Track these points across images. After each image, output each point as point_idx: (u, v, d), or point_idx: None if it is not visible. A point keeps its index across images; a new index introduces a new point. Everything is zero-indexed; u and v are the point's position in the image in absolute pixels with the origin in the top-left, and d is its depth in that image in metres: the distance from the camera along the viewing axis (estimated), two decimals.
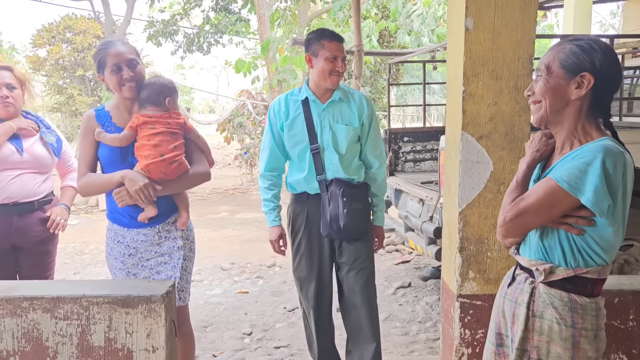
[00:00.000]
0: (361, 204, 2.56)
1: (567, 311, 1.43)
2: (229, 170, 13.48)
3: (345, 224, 2.45)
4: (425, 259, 5.24)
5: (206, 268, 5.26)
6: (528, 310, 1.47)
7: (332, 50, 2.46)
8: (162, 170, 2.16)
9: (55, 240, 2.79)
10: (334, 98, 2.55)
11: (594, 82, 1.40)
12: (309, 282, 2.63)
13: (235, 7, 14.29)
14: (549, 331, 1.44)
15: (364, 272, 2.57)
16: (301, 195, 2.62)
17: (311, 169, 2.54)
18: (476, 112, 2.01)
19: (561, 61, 1.43)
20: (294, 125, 2.57)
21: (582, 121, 1.45)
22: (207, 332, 3.70)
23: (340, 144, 2.54)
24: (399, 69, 13.77)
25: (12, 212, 2.59)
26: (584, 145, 1.42)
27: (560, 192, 1.37)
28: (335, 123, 2.55)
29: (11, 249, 2.65)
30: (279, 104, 2.62)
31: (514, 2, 1.96)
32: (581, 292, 1.44)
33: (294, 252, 2.68)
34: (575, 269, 1.42)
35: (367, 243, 2.62)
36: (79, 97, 10.69)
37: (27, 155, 2.61)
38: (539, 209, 1.41)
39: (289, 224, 2.70)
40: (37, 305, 1.82)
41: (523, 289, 1.51)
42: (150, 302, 1.82)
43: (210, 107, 36.25)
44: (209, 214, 8.25)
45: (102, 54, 2.21)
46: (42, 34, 10.90)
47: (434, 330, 3.65)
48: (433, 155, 5.23)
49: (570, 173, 1.36)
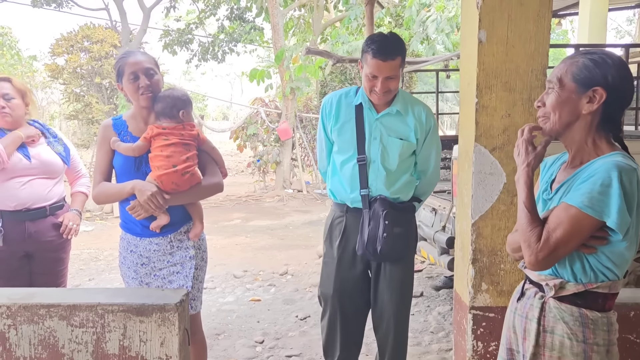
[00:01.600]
0: (404, 228, 2.35)
1: (578, 326, 1.41)
2: (242, 177, 13.55)
3: (382, 248, 2.27)
4: (438, 268, 5.22)
5: (219, 275, 5.29)
6: (539, 325, 1.46)
7: (372, 68, 2.21)
8: (174, 181, 2.18)
9: (67, 247, 2.81)
10: (390, 111, 2.34)
11: (606, 97, 1.38)
12: (336, 297, 2.45)
13: (249, 15, 14.44)
14: (560, 347, 1.43)
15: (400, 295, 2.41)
16: (341, 206, 2.46)
17: (354, 181, 2.36)
18: (489, 123, 2.02)
19: (573, 75, 1.42)
20: (343, 131, 2.38)
21: (593, 135, 1.44)
22: (220, 339, 3.71)
23: (390, 159, 2.33)
24: (412, 77, 13.77)
25: (25, 218, 2.62)
26: (595, 162, 1.40)
27: (586, 218, 1.35)
28: (388, 136, 2.33)
29: (24, 256, 2.67)
30: (331, 104, 2.42)
31: (527, 14, 1.97)
32: (592, 306, 1.42)
33: (324, 264, 2.52)
34: (585, 284, 1.41)
35: (407, 266, 2.44)
36: (95, 105, 10.84)
37: (35, 161, 2.64)
38: (569, 241, 1.37)
39: (325, 232, 2.53)
40: (54, 312, 1.84)
41: (533, 304, 1.50)
42: (164, 310, 1.84)
43: (223, 114, 36.49)
44: (222, 221, 8.29)
45: (121, 63, 2.25)
46: (60, 42, 11.09)
47: (446, 341, 3.62)
48: (446, 164, 5.21)
49: (591, 197, 1.34)
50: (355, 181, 2.35)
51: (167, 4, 14.58)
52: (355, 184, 2.35)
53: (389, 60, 2.18)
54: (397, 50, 2.22)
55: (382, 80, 2.21)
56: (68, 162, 2.80)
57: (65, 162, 2.78)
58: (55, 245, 2.72)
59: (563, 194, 1.44)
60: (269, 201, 10.27)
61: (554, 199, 1.50)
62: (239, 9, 14.44)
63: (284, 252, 6.29)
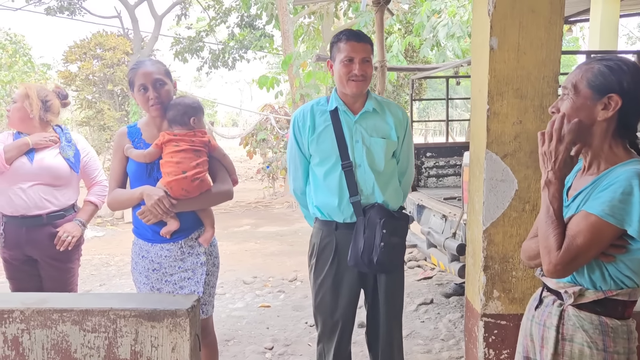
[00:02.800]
0: (400, 238, 2.27)
1: (598, 334, 1.39)
2: (251, 183, 13.59)
3: (379, 259, 2.16)
4: (448, 275, 5.19)
5: (229, 281, 5.30)
6: (557, 333, 1.44)
7: (347, 51, 2.16)
8: (183, 187, 2.20)
9: (72, 257, 2.76)
10: (366, 109, 2.27)
11: (622, 104, 1.37)
12: (335, 320, 2.35)
13: (259, 23, 14.53)
14: (579, 355, 1.41)
15: (395, 306, 2.36)
16: (329, 223, 2.31)
17: (342, 189, 2.24)
18: (501, 130, 2.01)
19: (589, 81, 1.40)
20: (321, 140, 2.27)
21: (609, 142, 1.42)
22: (229, 345, 3.71)
23: (377, 160, 2.25)
24: (421, 84, 13.77)
25: (21, 225, 2.62)
26: (614, 169, 1.39)
27: (607, 226, 1.33)
28: (370, 137, 2.25)
29: (30, 259, 2.68)
30: (303, 116, 2.32)
31: (538, 21, 1.97)
32: (612, 314, 1.40)
33: (317, 286, 2.36)
34: (605, 292, 1.39)
35: (401, 275, 2.39)
36: (107, 112, 10.95)
37: (36, 165, 2.62)
38: (590, 249, 1.35)
39: (313, 255, 2.38)
40: (67, 317, 1.86)
41: (551, 311, 1.48)
42: (176, 316, 1.85)
43: (233, 120, 36.69)
44: (232, 227, 8.32)
45: (132, 74, 2.28)
46: (74, 50, 11.23)
47: (457, 349, 3.60)
48: (456, 170, 5.20)
49: (612, 205, 1.32)
50: (343, 189, 2.23)
51: (178, 11, 14.73)
52: (344, 192, 2.23)
53: (362, 42, 2.19)
54: (367, 38, 2.23)
55: (359, 62, 2.17)
56: (77, 168, 2.76)
57: (74, 168, 2.74)
58: (57, 254, 2.68)
59: (582, 202, 1.42)
60: (279, 207, 10.28)
61: (571, 207, 1.47)
62: (249, 17, 14.54)
63: (294, 258, 6.29)
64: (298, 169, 2.38)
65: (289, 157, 2.42)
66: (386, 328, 2.36)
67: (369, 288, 2.36)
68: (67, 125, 2.98)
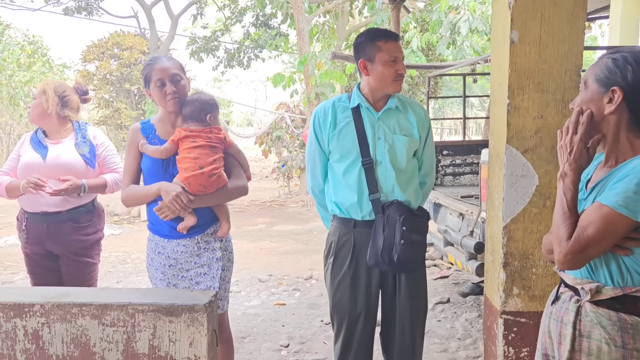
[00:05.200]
0: (422, 236, 2.22)
1: (617, 331, 1.37)
2: (266, 182, 13.63)
3: (399, 257, 2.10)
4: (465, 274, 5.14)
5: (244, 279, 5.31)
6: (574, 330, 1.42)
7: (391, 51, 2.15)
8: (201, 183, 2.20)
9: (92, 252, 2.78)
10: (389, 106, 2.24)
11: (626, 97, 1.36)
12: (353, 320, 2.29)
13: (275, 22, 14.57)
14: (597, 352, 1.39)
15: (419, 307, 2.32)
16: (347, 221, 2.27)
17: (361, 186, 2.20)
18: (521, 125, 1.98)
19: (596, 75, 1.42)
20: (341, 135, 2.25)
21: (625, 134, 1.41)
22: (245, 343, 3.72)
23: (399, 158, 2.22)
24: (437, 82, 13.69)
25: (43, 221, 2.65)
26: (631, 161, 1.37)
27: (620, 218, 1.31)
28: (393, 134, 2.23)
29: (51, 255, 2.71)
30: (324, 112, 2.30)
31: (561, 14, 1.93)
32: (631, 311, 1.37)
33: (335, 286, 2.31)
34: (623, 288, 1.37)
35: (423, 274, 2.34)
36: (124, 111, 11.07)
37: (51, 162, 2.62)
38: (601, 240, 1.34)
39: (331, 253, 2.34)
40: (86, 311, 1.87)
41: (568, 307, 1.46)
42: (194, 311, 1.85)
43: (248, 120, 36.84)
44: (247, 225, 8.34)
45: (148, 70, 2.29)
46: (92, 50, 11.37)
47: (473, 348, 3.56)
48: (473, 169, 5.16)
49: (626, 197, 1.30)
50: (363, 186, 2.20)
51: (194, 11, 14.82)
52: (363, 188, 2.20)
53: (399, 41, 2.21)
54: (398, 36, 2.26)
55: (401, 61, 2.19)
56: (93, 164, 2.74)
57: (90, 164, 2.72)
58: (78, 249, 2.71)
59: (597, 194, 1.41)
60: (293, 206, 10.29)
61: (588, 199, 1.46)
62: (265, 16, 14.58)
63: (309, 257, 6.28)
64: (317, 165, 2.35)
65: (308, 154, 2.40)
66: (406, 330, 2.30)
67: (388, 288, 2.31)
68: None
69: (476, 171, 5.08)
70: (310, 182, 2.42)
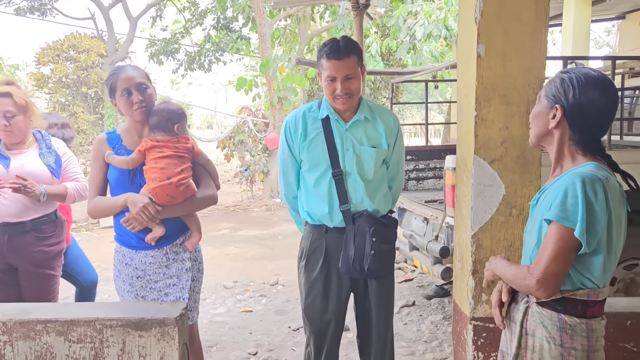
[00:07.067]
0: (390, 245, 2.29)
1: (556, 331, 1.48)
2: (229, 187, 13.48)
3: (370, 267, 2.17)
4: (429, 277, 5.23)
5: (209, 286, 5.24)
6: (522, 328, 1.54)
7: (329, 70, 2.14)
8: (168, 193, 2.17)
9: (54, 264, 2.70)
10: (358, 118, 2.26)
11: (565, 115, 1.46)
12: (325, 323, 2.35)
13: (236, 25, 14.45)
14: (540, 349, 1.50)
15: (387, 311, 2.38)
16: (319, 227, 2.32)
17: (332, 197, 2.25)
18: (488, 136, 2.04)
19: (546, 92, 1.53)
20: (312, 147, 2.27)
21: (567, 147, 1.51)
22: (213, 352, 3.67)
23: (366, 169, 2.25)
24: (398, 87, 13.89)
25: (3, 232, 2.55)
26: (565, 174, 1.47)
27: (565, 230, 1.38)
28: (360, 145, 2.26)
29: (10, 268, 2.61)
30: (295, 123, 2.31)
31: (523, 29, 2.00)
32: (571, 312, 1.47)
33: (307, 289, 2.36)
34: (563, 292, 1.46)
35: (392, 280, 2.40)
36: (81, 115, 10.73)
37: (14, 172, 2.52)
38: (559, 256, 1.40)
39: (303, 257, 2.38)
40: (51, 328, 1.81)
41: (519, 308, 1.58)
42: (164, 325, 1.83)
43: (208, 122, 36.34)
44: (211, 230, 8.23)
45: (113, 79, 2.24)
46: (46, 52, 10.96)
47: (440, 350, 3.63)
48: (436, 173, 5.25)
49: (564, 208, 1.38)
50: (333, 197, 2.24)
51: (153, 13, 14.54)
52: (334, 199, 2.24)
53: (344, 58, 2.13)
54: (350, 49, 2.16)
55: (341, 80, 2.14)
56: (58, 174, 2.71)
57: (55, 174, 2.68)
58: (40, 261, 2.63)
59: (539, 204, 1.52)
60: (257, 211, 10.23)
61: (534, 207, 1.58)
62: (226, 19, 14.44)
63: (274, 262, 6.26)
64: (290, 173, 2.37)
65: (281, 162, 2.41)
66: (379, 333, 2.37)
67: (360, 292, 2.37)
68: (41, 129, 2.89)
69: (439, 175, 5.18)
70: (283, 188, 2.45)
